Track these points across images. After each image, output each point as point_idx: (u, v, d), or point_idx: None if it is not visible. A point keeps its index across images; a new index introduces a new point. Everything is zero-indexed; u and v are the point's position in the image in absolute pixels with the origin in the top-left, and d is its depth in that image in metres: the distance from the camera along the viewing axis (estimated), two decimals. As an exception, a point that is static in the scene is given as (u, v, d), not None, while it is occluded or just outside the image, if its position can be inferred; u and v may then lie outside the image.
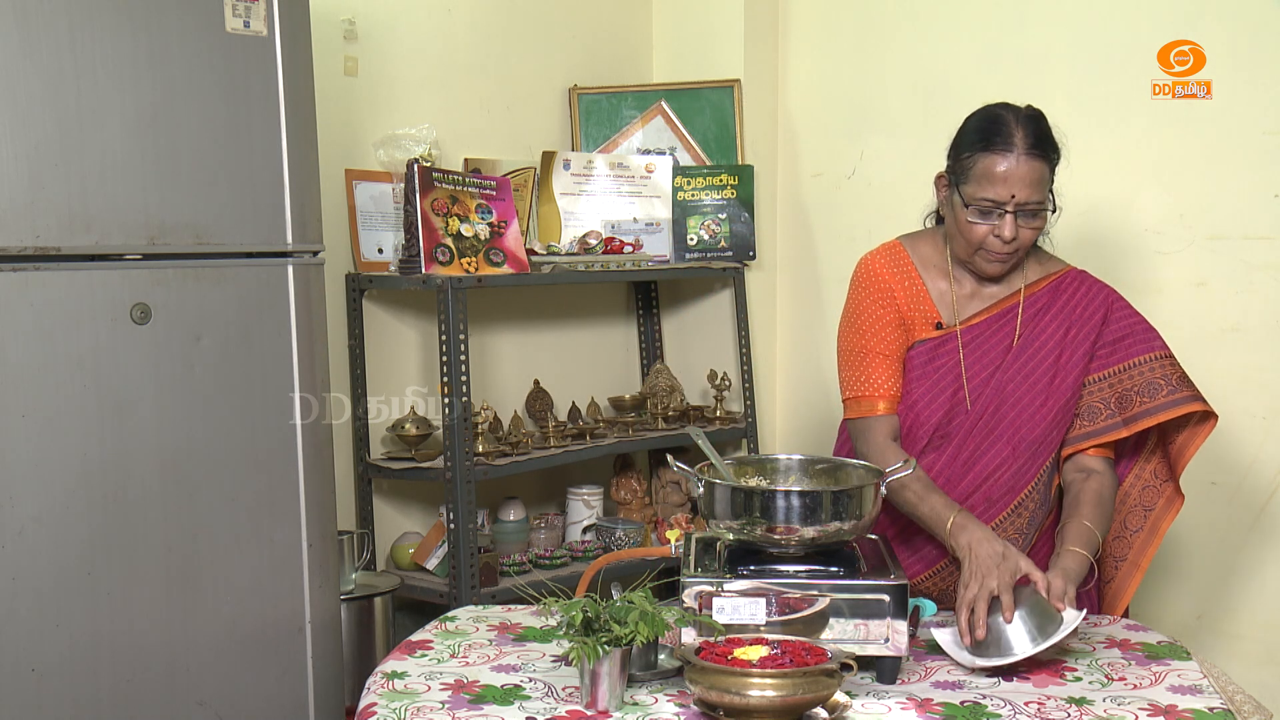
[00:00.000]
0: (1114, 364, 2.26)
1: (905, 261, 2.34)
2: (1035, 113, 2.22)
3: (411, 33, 3.16)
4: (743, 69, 3.51)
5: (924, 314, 2.30)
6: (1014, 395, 2.25)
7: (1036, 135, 2.17)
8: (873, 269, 2.34)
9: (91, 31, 2.07)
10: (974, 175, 2.19)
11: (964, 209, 2.21)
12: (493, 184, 3.07)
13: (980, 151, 2.19)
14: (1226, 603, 2.99)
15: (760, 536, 1.96)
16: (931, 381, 2.28)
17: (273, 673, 2.33)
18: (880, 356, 2.29)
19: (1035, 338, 2.27)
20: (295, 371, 2.33)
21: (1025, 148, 2.16)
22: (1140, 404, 2.23)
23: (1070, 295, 2.29)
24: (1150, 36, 2.98)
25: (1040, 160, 2.17)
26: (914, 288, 2.32)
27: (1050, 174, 2.20)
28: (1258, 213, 2.89)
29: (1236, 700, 1.94)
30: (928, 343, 2.29)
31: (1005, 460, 2.26)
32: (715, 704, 1.71)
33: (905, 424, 2.30)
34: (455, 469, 2.88)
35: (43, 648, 2.08)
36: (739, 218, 3.46)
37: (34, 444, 2.06)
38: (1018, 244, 2.20)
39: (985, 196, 2.17)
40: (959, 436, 2.27)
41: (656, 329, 3.68)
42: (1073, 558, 2.10)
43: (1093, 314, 2.27)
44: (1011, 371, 2.25)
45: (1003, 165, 2.16)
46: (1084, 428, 2.26)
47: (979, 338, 2.28)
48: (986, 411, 2.25)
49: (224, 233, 2.24)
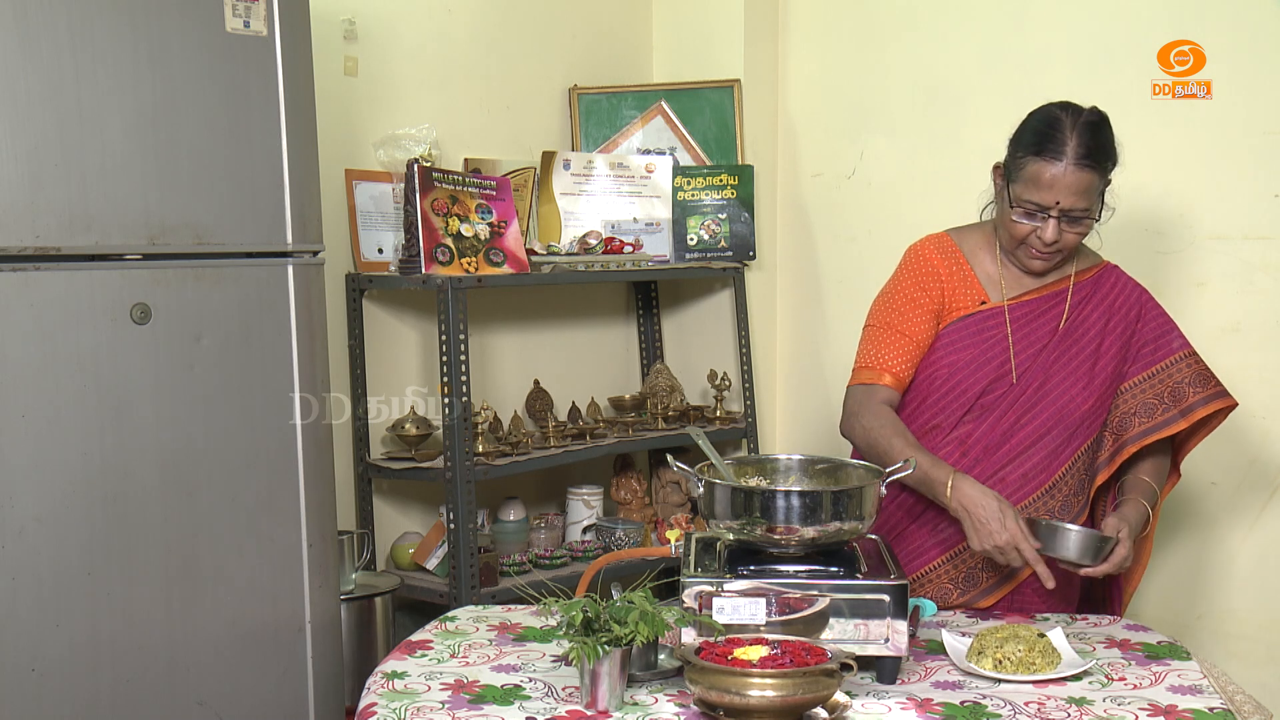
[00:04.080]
0: (1159, 360, 2.35)
1: (952, 249, 2.41)
2: (1096, 119, 2.25)
3: (411, 33, 3.16)
4: (743, 69, 3.51)
5: (970, 295, 2.37)
6: (1059, 374, 2.32)
7: (1090, 145, 2.20)
8: (921, 253, 2.41)
9: (91, 31, 2.07)
10: (1023, 177, 2.24)
11: (1011, 207, 2.27)
12: (493, 184, 3.07)
13: (1032, 155, 2.22)
14: (1226, 603, 2.99)
15: (760, 536, 1.96)
16: (978, 351, 2.34)
17: (273, 673, 2.33)
18: (901, 335, 2.36)
19: (1080, 323, 2.35)
20: (295, 371, 2.33)
21: (1075, 157, 2.19)
22: (1194, 395, 2.32)
23: (1110, 288, 2.38)
24: (1150, 36, 2.98)
25: (1090, 171, 2.20)
26: (961, 271, 2.39)
27: (1101, 181, 2.25)
28: (1258, 213, 2.89)
29: (1236, 700, 1.94)
30: (975, 315, 2.35)
31: (1044, 435, 2.31)
32: (715, 704, 1.71)
33: (944, 390, 2.35)
34: (455, 469, 2.88)
35: (43, 648, 2.08)
36: (739, 218, 3.46)
37: (34, 444, 2.06)
38: (1059, 246, 2.26)
39: (1031, 199, 2.23)
40: (1001, 407, 2.32)
41: (656, 329, 3.68)
42: (1132, 505, 2.26)
43: (1130, 308, 2.37)
44: (1058, 352, 2.33)
45: (1050, 172, 2.20)
46: (1142, 425, 2.33)
47: (1028, 316, 2.35)
48: (1031, 386, 2.31)
49: (224, 233, 2.24)
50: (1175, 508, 3.03)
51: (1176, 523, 3.04)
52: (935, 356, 2.36)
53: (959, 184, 2.59)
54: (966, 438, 2.33)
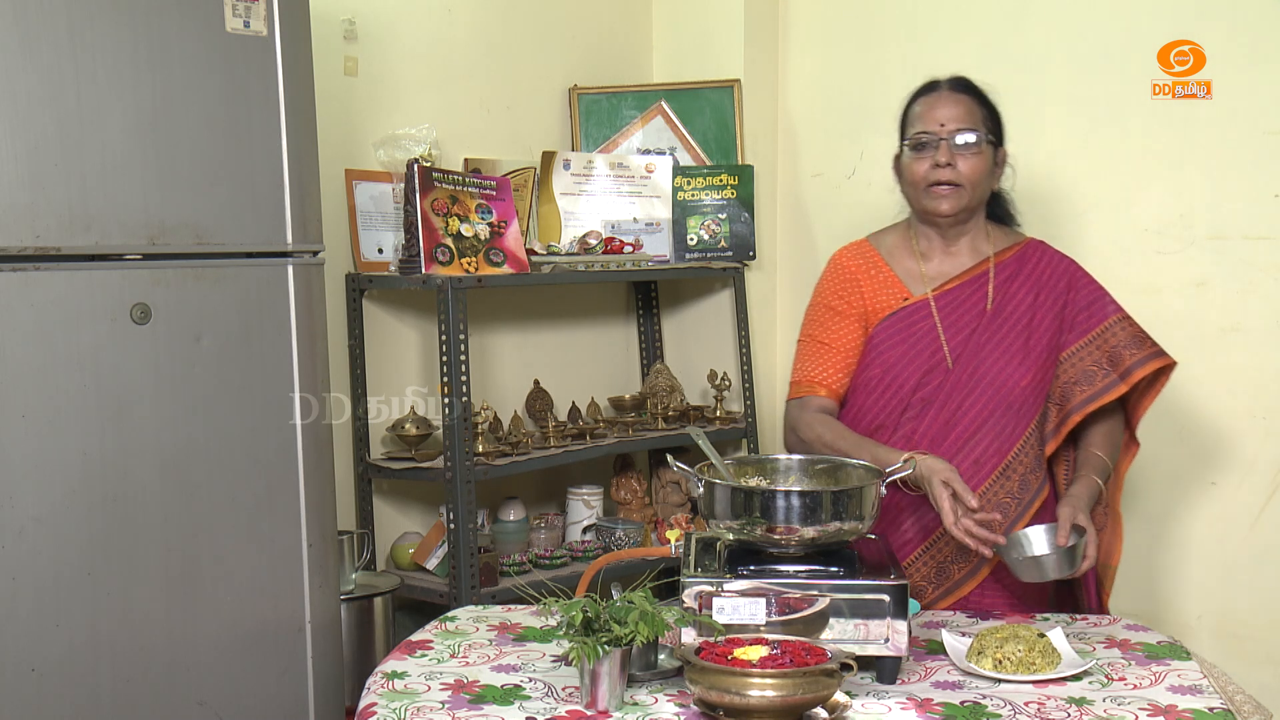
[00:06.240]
0: (1095, 326, 2.39)
1: (870, 252, 2.50)
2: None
3: (411, 33, 3.16)
4: (743, 69, 3.50)
5: (892, 293, 2.44)
6: (993, 354, 2.35)
7: (961, 81, 2.41)
8: (839, 262, 2.53)
9: (91, 31, 2.07)
10: (910, 122, 2.42)
11: (907, 156, 2.40)
12: (493, 184, 3.07)
13: (912, 104, 2.43)
14: (1226, 603, 2.99)
15: (760, 536, 1.96)
16: (909, 345, 2.38)
17: (273, 673, 2.33)
18: (825, 347, 2.46)
19: (1008, 302, 2.39)
20: (295, 372, 2.33)
21: (950, 86, 2.40)
22: (1131, 357, 2.35)
23: (1036, 263, 2.44)
24: (1150, 36, 2.98)
25: (966, 94, 2.38)
26: (880, 273, 2.47)
27: (982, 113, 2.38)
28: (1258, 213, 2.89)
29: (1236, 700, 1.94)
30: (900, 312, 2.41)
31: (989, 419, 2.34)
32: (715, 704, 1.71)
33: (882, 389, 2.39)
34: (455, 469, 2.88)
35: (43, 648, 2.08)
36: (739, 218, 3.46)
37: (34, 444, 2.06)
38: (958, 175, 2.35)
39: (919, 130, 2.38)
40: (940, 398, 2.35)
41: (656, 329, 3.68)
42: (1083, 483, 2.30)
43: (1058, 280, 2.42)
44: (989, 333, 2.37)
45: (929, 100, 2.39)
46: (1084, 392, 2.36)
47: (953, 303, 2.40)
48: (967, 370, 2.35)
49: (224, 233, 2.24)
50: (1175, 507, 3.04)
51: (1178, 522, 3.04)
52: (869, 359, 2.41)
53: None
54: (912, 433, 2.36)
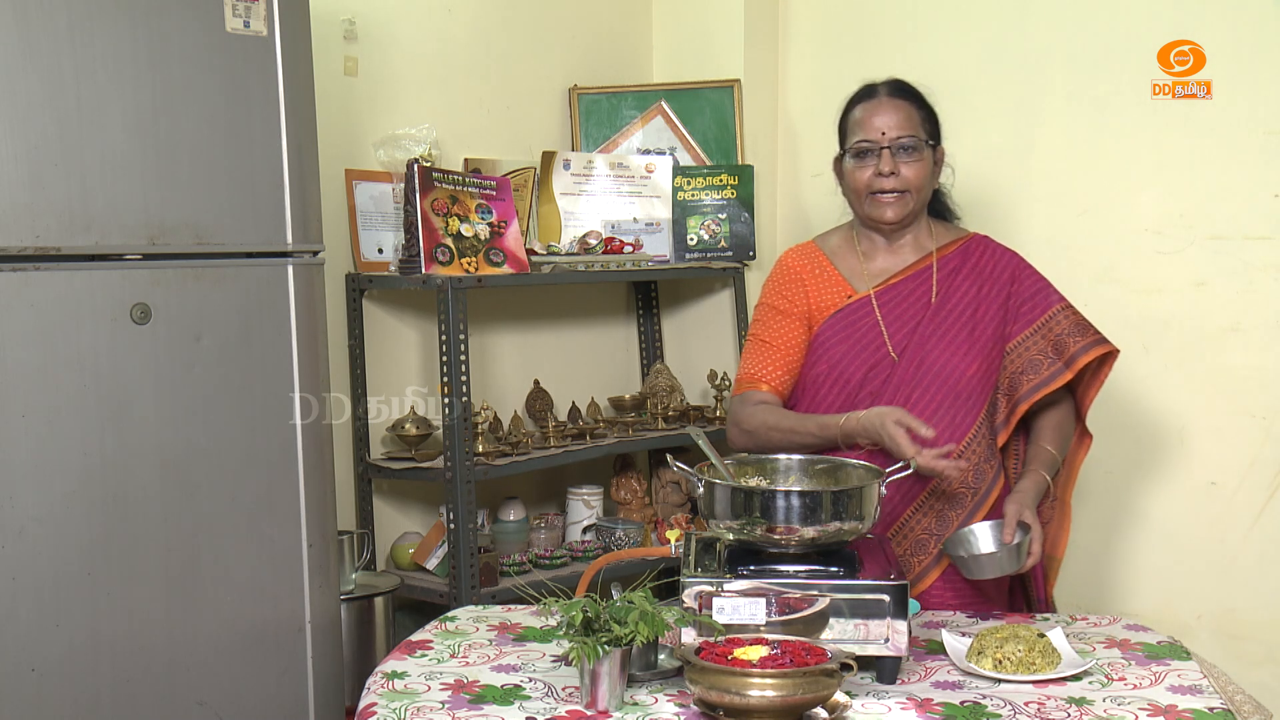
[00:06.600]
0: (1039, 315, 2.41)
1: (814, 252, 2.52)
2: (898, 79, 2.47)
3: (411, 33, 3.16)
4: (743, 69, 3.50)
5: (836, 291, 2.46)
6: (938, 346, 2.38)
7: (898, 85, 2.43)
8: (784, 262, 2.54)
9: (91, 31, 2.07)
10: (850, 129, 2.43)
11: (849, 163, 2.42)
12: (493, 184, 3.07)
13: (851, 109, 2.45)
14: (1226, 603, 2.99)
15: (760, 536, 1.96)
16: (853, 341, 2.41)
17: (273, 673, 2.33)
18: (768, 345, 2.46)
19: (951, 295, 2.41)
20: (295, 371, 2.33)
21: (887, 93, 2.41)
22: (1075, 344, 2.38)
23: (979, 257, 2.46)
24: (1150, 36, 2.98)
25: (905, 99, 2.40)
26: (824, 272, 2.48)
27: (920, 116, 2.40)
28: (1258, 213, 2.89)
29: (1236, 700, 1.94)
30: (844, 309, 2.43)
31: (938, 410, 2.35)
32: (715, 704, 1.71)
33: (829, 384, 2.41)
34: (455, 469, 2.88)
35: (43, 648, 2.08)
36: (739, 218, 3.46)
37: (34, 444, 2.06)
38: (901, 182, 2.36)
39: (859, 139, 2.39)
40: (888, 391, 2.36)
41: (656, 329, 3.68)
42: (1030, 478, 2.33)
43: (1001, 272, 2.44)
44: (932, 326, 2.39)
45: (868, 106, 2.40)
46: (1031, 380, 2.38)
47: (896, 298, 2.42)
48: (913, 363, 2.37)
49: (224, 233, 2.24)
50: (1174, 507, 3.04)
51: (1178, 522, 3.04)
52: (815, 356, 2.43)
53: (958, 184, 2.59)
54: None
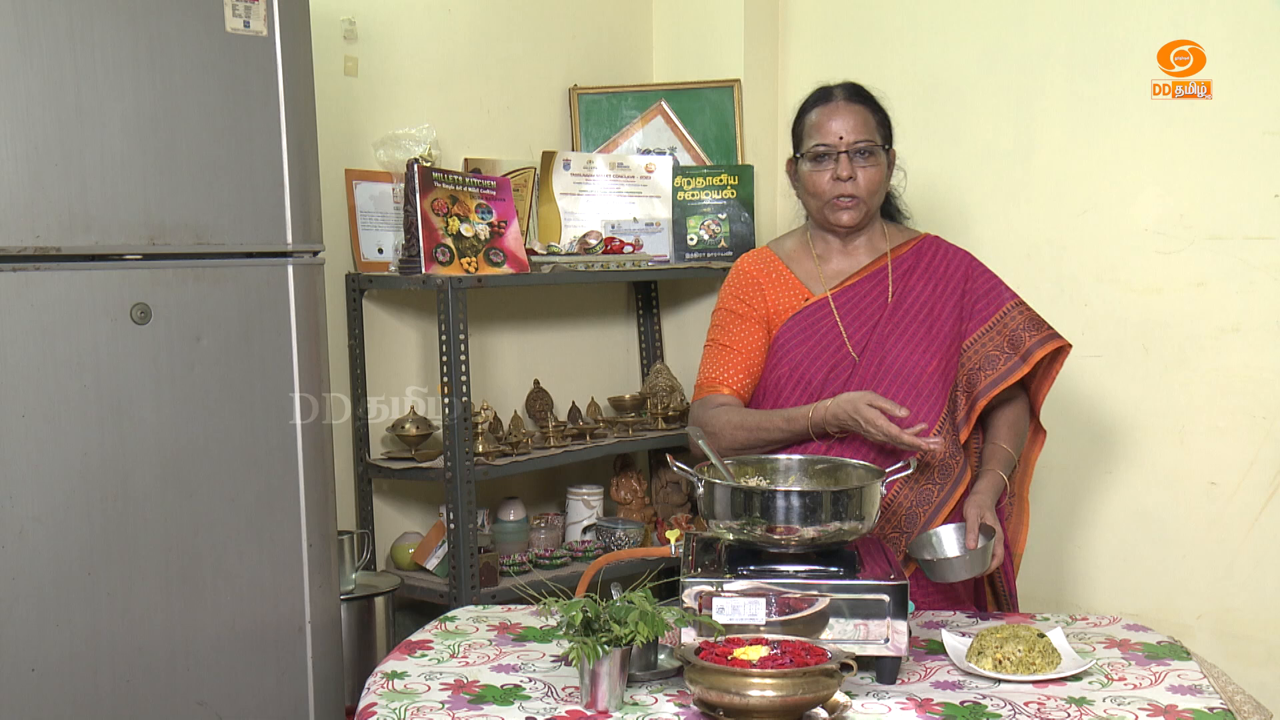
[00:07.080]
0: (993, 312, 2.44)
1: (770, 257, 2.54)
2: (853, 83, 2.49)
3: (411, 33, 3.16)
4: (743, 69, 3.51)
5: (794, 294, 2.48)
6: (897, 344, 2.40)
7: (855, 87, 2.46)
8: (740, 267, 2.56)
9: (91, 31, 2.07)
10: (806, 133, 2.44)
11: (806, 167, 2.43)
12: (493, 184, 3.07)
13: (807, 113, 2.46)
14: (1226, 603, 2.99)
15: (760, 536, 1.96)
16: (813, 342, 2.43)
17: (273, 673, 2.33)
18: (727, 350, 2.48)
19: (907, 295, 2.44)
20: (295, 371, 2.33)
21: (844, 97, 2.43)
22: (1030, 339, 2.41)
23: (933, 257, 2.50)
24: (1150, 36, 2.97)
25: (860, 104, 2.42)
26: (781, 276, 2.51)
27: (875, 120, 2.43)
28: (1258, 213, 2.89)
29: (1236, 700, 1.94)
30: (802, 311, 2.45)
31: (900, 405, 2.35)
32: (715, 704, 1.71)
33: (791, 386, 2.42)
34: (455, 469, 2.88)
35: (43, 648, 2.08)
36: (739, 218, 3.46)
37: (34, 444, 2.06)
38: (859, 186, 2.39)
39: (817, 143, 2.40)
40: (850, 390, 2.35)
41: (656, 329, 3.68)
42: (987, 478, 2.36)
43: (955, 271, 2.48)
44: (891, 325, 2.41)
45: (824, 110, 2.42)
46: (989, 376, 2.41)
47: (853, 299, 2.45)
48: (873, 362, 2.39)
49: (224, 233, 2.24)
50: (1174, 507, 3.04)
51: (1177, 522, 3.04)
52: (776, 359, 2.44)
53: (959, 183, 2.59)
54: None
